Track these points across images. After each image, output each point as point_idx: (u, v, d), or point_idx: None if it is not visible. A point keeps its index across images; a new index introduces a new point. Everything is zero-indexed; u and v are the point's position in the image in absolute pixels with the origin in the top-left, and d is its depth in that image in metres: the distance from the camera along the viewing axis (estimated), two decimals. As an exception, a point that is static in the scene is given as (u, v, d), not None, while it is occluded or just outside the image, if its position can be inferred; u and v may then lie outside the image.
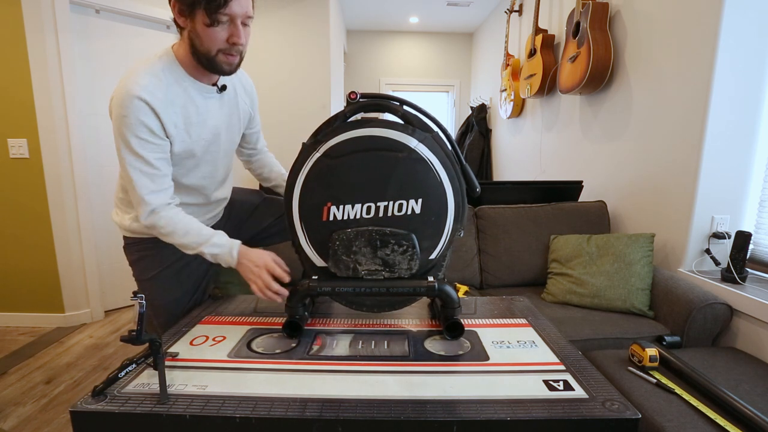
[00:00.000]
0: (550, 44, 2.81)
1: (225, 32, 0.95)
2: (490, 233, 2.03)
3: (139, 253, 1.19)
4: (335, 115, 0.99)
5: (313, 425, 0.67)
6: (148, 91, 0.94)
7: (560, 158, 2.86)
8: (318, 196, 0.96)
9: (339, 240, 0.95)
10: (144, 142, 0.96)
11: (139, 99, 0.93)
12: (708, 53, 1.60)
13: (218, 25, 0.93)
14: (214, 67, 1.00)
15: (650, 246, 1.71)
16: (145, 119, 0.94)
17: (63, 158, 2.31)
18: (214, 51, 0.97)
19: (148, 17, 2.58)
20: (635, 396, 1.08)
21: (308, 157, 0.95)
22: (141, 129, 0.95)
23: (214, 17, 0.91)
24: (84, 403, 0.70)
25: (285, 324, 0.96)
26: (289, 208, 0.97)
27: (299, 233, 0.99)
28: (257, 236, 1.41)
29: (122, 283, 2.65)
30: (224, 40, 0.96)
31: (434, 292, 0.96)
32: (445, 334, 0.96)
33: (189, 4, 0.92)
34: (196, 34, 0.95)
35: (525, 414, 0.68)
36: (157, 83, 0.97)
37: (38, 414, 1.62)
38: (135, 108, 0.93)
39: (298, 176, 0.96)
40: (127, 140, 0.95)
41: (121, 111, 0.93)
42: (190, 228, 1.04)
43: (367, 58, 5.23)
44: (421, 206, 0.96)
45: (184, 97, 1.02)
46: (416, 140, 0.93)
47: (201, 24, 0.93)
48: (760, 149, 1.63)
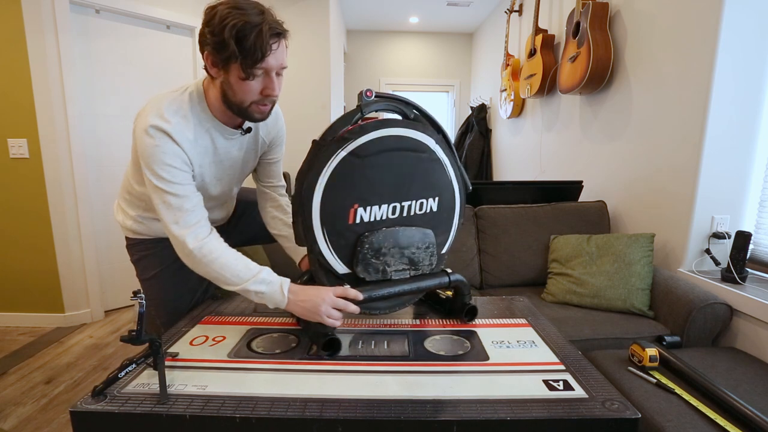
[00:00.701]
0: (550, 44, 2.81)
1: (260, 85, 0.93)
2: (490, 233, 2.03)
3: (140, 253, 1.21)
4: (351, 112, 0.91)
5: (313, 425, 0.67)
6: (177, 130, 0.94)
7: (560, 158, 2.86)
8: (343, 197, 0.89)
9: (368, 243, 0.92)
10: (173, 169, 0.94)
11: (164, 133, 0.92)
12: (708, 53, 1.60)
13: (253, 79, 0.91)
14: (246, 116, 0.99)
15: (650, 246, 1.71)
16: (175, 150, 0.94)
17: (63, 158, 2.31)
18: (248, 102, 0.95)
19: (148, 17, 2.58)
20: (635, 396, 1.08)
21: (332, 156, 0.86)
22: (171, 158, 0.93)
23: (249, 72, 0.89)
24: (84, 403, 0.70)
25: (326, 343, 0.87)
26: (307, 212, 0.87)
27: (319, 239, 0.89)
28: (258, 235, 1.41)
29: (122, 283, 2.65)
30: (258, 92, 0.94)
31: (454, 282, 1.04)
32: (465, 319, 1.04)
33: (224, 59, 0.89)
34: (229, 86, 0.93)
35: (525, 414, 0.68)
36: (185, 124, 0.96)
37: (38, 414, 1.62)
38: (163, 140, 0.92)
39: (320, 176, 0.86)
40: (156, 170, 0.92)
41: (150, 142, 0.92)
42: (230, 261, 0.95)
43: (367, 58, 5.23)
44: (438, 204, 1.01)
45: (206, 138, 1.01)
46: (434, 141, 0.97)
47: (236, 77, 0.91)
48: (760, 149, 1.62)
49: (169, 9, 2.66)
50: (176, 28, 2.74)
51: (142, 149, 0.93)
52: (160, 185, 0.93)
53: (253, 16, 0.86)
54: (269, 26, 0.87)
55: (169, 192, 0.94)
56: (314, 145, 0.87)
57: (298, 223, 0.89)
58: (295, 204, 0.88)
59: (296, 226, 0.89)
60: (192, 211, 0.96)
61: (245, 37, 0.85)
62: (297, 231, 0.89)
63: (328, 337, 0.88)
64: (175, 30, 2.74)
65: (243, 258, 0.97)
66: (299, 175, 0.87)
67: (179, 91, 1.00)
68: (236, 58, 0.87)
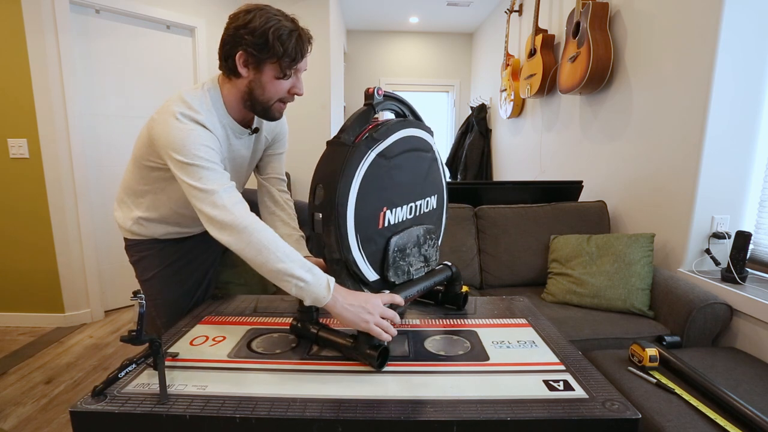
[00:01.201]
0: (550, 44, 2.81)
1: (289, 84, 1.01)
2: (490, 233, 2.03)
3: (140, 254, 1.20)
4: (366, 112, 0.86)
5: (313, 425, 0.67)
6: (207, 120, 0.97)
7: (560, 158, 2.86)
8: (374, 201, 0.84)
9: (396, 245, 0.91)
10: (210, 150, 0.93)
11: (198, 123, 0.94)
12: (708, 53, 1.60)
13: (287, 78, 0.99)
14: (268, 114, 1.04)
15: (650, 246, 1.71)
16: (209, 136, 0.96)
17: (63, 158, 2.31)
18: (274, 100, 1.01)
19: (148, 17, 2.58)
20: (635, 396, 1.08)
21: (363, 158, 0.80)
22: (209, 140, 0.94)
23: (286, 71, 0.97)
24: (84, 403, 0.70)
25: (380, 353, 0.80)
26: (342, 219, 0.79)
27: (353, 247, 0.82)
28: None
29: (122, 283, 2.65)
30: (286, 90, 1.01)
31: (456, 273, 1.09)
32: (460, 308, 1.09)
33: (263, 58, 0.95)
34: (259, 84, 0.98)
35: (525, 414, 0.68)
36: (211, 117, 0.99)
37: (38, 414, 1.62)
38: (197, 127, 0.94)
39: (353, 181, 0.79)
40: (193, 151, 0.90)
41: (184, 128, 0.92)
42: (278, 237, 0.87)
43: (367, 58, 5.23)
44: (436, 201, 1.05)
45: (224, 135, 1.04)
46: (432, 140, 1.00)
47: (269, 76, 0.97)
48: (760, 149, 1.62)
49: (169, 9, 2.67)
50: (176, 28, 2.74)
51: (173, 136, 0.91)
52: (198, 163, 0.90)
53: (288, 22, 0.96)
54: (304, 31, 0.98)
55: (207, 168, 0.90)
56: (337, 147, 0.80)
57: (330, 233, 0.79)
58: (327, 212, 0.79)
59: (327, 236, 0.80)
60: (233, 187, 0.93)
61: (288, 39, 0.94)
62: (328, 241, 0.80)
63: (383, 346, 0.80)
64: (175, 30, 2.74)
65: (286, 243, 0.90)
66: (326, 180, 0.78)
67: (199, 88, 1.02)
68: (275, 58, 0.95)
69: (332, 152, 0.82)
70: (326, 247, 0.82)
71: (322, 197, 0.80)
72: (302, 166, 3.24)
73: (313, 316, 0.94)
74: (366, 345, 0.81)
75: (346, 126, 0.84)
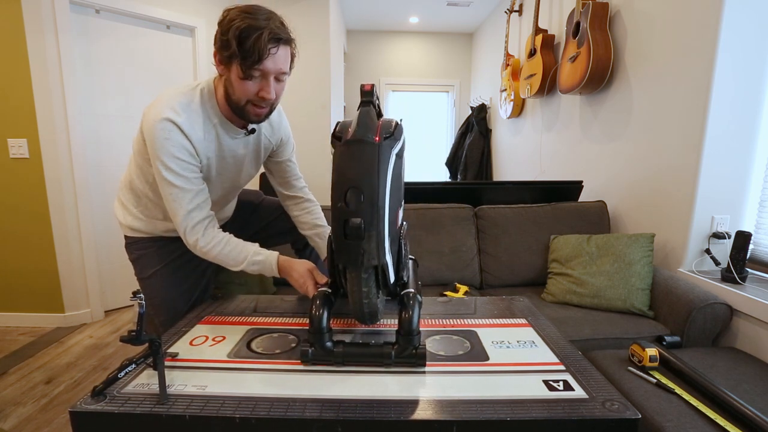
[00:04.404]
0: (550, 44, 2.81)
1: (256, 86, 0.99)
2: (490, 233, 2.03)
3: (139, 252, 1.21)
4: (370, 109, 0.81)
5: (313, 425, 0.67)
6: (187, 124, 1.00)
7: (560, 158, 2.86)
8: (397, 201, 0.82)
9: (405, 242, 0.91)
10: (181, 162, 1.00)
11: (175, 126, 0.98)
12: (708, 53, 1.60)
13: (251, 79, 0.97)
14: (243, 115, 1.04)
15: (650, 246, 1.71)
16: (184, 143, 1.00)
17: (63, 158, 2.31)
18: (244, 101, 1.01)
19: (148, 17, 2.58)
20: (635, 396, 1.08)
21: (389, 158, 0.75)
22: (180, 150, 0.99)
23: (247, 72, 0.95)
24: (84, 403, 0.70)
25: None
26: (381, 224, 0.74)
27: (387, 250, 0.77)
28: (256, 236, 1.41)
29: (122, 283, 2.65)
30: (254, 93, 0.99)
31: None
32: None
33: (227, 57, 0.95)
34: (230, 83, 1.00)
35: (525, 414, 0.68)
36: (195, 118, 1.03)
37: (38, 414, 1.62)
38: (173, 132, 0.98)
39: (387, 183, 0.74)
40: (165, 162, 0.99)
41: (161, 134, 0.97)
42: (229, 247, 1.09)
43: (367, 58, 5.23)
44: None
45: (213, 134, 1.07)
46: None
47: (235, 75, 0.97)
48: (760, 149, 1.62)
49: (169, 9, 2.67)
50: (176, 28, 2.74)
51: (152, 141, 0.98)
52: (168, 176, 1.00)
53: (259, 21, 0.92)
54: (270, 31, 0.92)
55: (175, 184, 1.00)
56: (364, 146, 0.74)
57: (372, 238, 0.73)
58: (369, 216, 0.73)
59: (369, 241, 0.74)
60: (197, 204, 1.04)
61: (246, 38, 0.91)
62: (368, 248, 0.74)
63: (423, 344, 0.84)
64: (175, 30, 2.74)
65: (238, 243, 1.10)
66: (363, 181, 0.73)
67: (191, 87, 1.05)
68: (236, 58, 0.93)
69: (359, 151, 0.73)
70: (365, 254, 0.75)
71: (361, 200, 0.72)
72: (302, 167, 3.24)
73: (324, 337, 0.84)
74: (411, 346, 0.82)
75: (362, 124, 0.76)
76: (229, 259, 1.09)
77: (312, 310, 0.84)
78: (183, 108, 1.00)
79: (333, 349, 0.83)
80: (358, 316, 0.86)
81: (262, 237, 1.42)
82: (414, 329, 0.82)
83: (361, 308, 0.84)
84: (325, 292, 0.89)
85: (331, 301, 0.90)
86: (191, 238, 1.05)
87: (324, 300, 0.87)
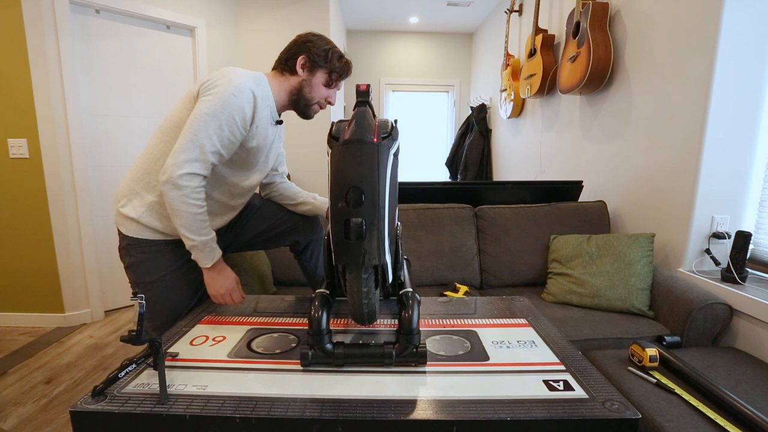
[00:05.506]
0: (550, 44, 2.81)
1: (328, 93, 1.24)
2: (490, 233, 2.03)
3: (142, 255, 1.17)
4: (367, 110, 0.81)
5: (313, 425, 0.67)
6: (261, 98, 1.13)
7: (560, 158, 2.86)
8: (395, 201, 0.82)
9: (401, 241, 0.92)
10: (233, 124, 1.07)
11: (252, 93, 1.09)
12: (708, 53, 1.60)
13: (330, 88, 1.23)
14: (307, 111, 1.25)
15: (650, 246, 1.71)
16: (247, 109, 1.09)
17: (63, 158, 2.30)
18: (315, 101, 1.23)
19: (148, 17, 2.58)
20: (635, 396, 1.08)
21: (388, 158, 0.75)
22: (239, 114, 1.08)
23: (333, 82, 1.22)
24: (84, 403, 0.70)
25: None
26: (382, 223, 0.74)
27: (387, 249, 0.77)
28: (256, 238, 1.41)
29: (122, 283, 2.64)
30: (325, 97, 1.24)
31: None
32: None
33: (318, 65, 1.19)
34: (309, 84, 1.20)
35: (525, 414, 0.68)
36: (265, 96, 1.16)
37: (38, 414, 1.62)
38: (246, 96, 1.08)
39: (387, 182, 0.75)
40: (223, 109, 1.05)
41: (234, 91, 1.06)
42: (204, 215, 1.09)
43: (367, 58, 5.23)
44: None
45: (265, 113, 1.18)
46: None
47: (319, 80, 1.20)
48: (760, 149, 1.62)
49: (169, 9, 2.67)
50: (176, 28, 2.74)
51: (224, 98, 1.05)
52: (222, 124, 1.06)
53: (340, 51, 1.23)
54: (350, 63, 1.25)
55: (200, 150, 1.04)
56: (364, 146, 0.73)
57: (373, 238, 0.74)
58: (370, 216, 0.73)
59: (370, 241, 0.74)
60: (207, 161, 1.07)
61: (340, 59, 1.22)
62: (369, 248, 0.74)
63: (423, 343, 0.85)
64: (175, 30, 2.74)
65: (207, 219, 1.11)
66: (364, 180, 0.72)
67: (256, 74, 1.17)
68: (329, 69, 1.20)
69: (358, 151, 0.73)
70: (366, 254, 0.74)
71: (362, 200, 0.73)
72: (302, 166, 3.25)
73: (324, 339, 0.83)
74: (411, 345, 0.83)
75: (360, 124, 0.76)
76: (190, 222, 1.06)
77: (311, 311, 0.84)
78: (260, 86, 1.14)
79: (333, 350, 0.83)
80: (356, 316, 0.86)
81: (263, 240, 1.42)
82: (414, 328, 0.83)
83: (360, 308, 0.83)
84: (324, 293, 0.89)
85: (330, 302, 0.90)
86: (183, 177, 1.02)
87: (323, 301, 0.86)
